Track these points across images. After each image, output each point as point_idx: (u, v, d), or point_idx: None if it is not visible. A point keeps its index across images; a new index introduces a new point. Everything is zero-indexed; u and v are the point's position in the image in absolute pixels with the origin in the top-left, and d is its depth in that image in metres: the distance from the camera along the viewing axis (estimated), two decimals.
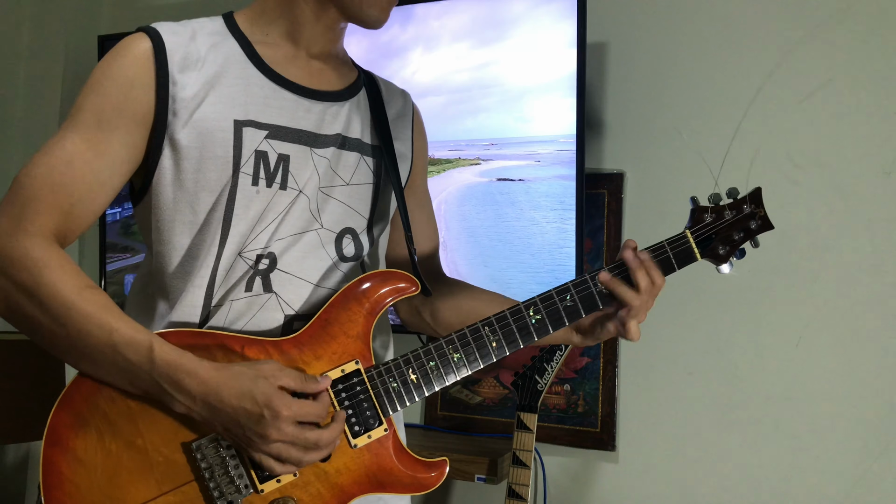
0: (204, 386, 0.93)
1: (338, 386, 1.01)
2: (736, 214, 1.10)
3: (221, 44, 1.07)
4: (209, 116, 1.02)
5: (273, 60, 1.09)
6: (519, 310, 1.08)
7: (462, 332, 1.06)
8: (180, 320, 1.03)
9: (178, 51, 1.03)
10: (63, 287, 0.93)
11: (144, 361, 0.93)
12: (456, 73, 1.92)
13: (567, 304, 1.08)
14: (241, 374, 0.94)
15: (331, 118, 1.11)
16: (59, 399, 0.97)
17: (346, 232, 1.11)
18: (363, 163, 1.14)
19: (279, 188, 1.06)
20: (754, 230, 1.10)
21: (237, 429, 0.93)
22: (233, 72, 1.05)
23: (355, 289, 1.05)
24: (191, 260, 1.04)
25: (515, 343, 1.07)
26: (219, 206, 1.03)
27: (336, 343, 1.03)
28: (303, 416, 0.93)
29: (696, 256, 1.10)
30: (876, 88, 1.74)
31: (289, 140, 1.07)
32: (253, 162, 1.04)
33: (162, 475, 0.97)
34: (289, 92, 1.08)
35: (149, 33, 1.03)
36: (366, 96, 1.18)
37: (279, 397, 0.92)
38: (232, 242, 1.03)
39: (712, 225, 1.10)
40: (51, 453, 0.96)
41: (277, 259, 1.06)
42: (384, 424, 1.03)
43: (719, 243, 1.09)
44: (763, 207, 1.10)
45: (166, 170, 1.03)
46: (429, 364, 1.05)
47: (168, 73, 1.01)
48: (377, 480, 1.03)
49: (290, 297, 1.06)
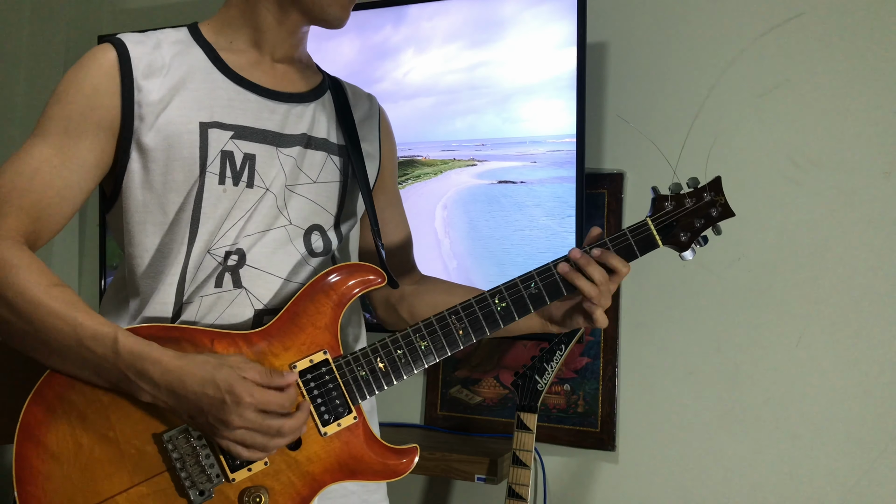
0: (167, 374, 0.94)
1: (307, 375, 1.04)
2: (696, 202, 1.12)
3: (186, 52, 1.10)
4: (175, 119, 1.05)
5: (237, 65, 1.12)
6: (484, 298, 1.10)
7: (429, 321, 1.09)
8: (152, 316, 1.05)
9: (142, 59, 1.06)
10: (30, 286, 0.95)
11: (109, 353, 0.95)
12: (448, 73, 1.92)
13: (532, 292, 1.10)
14: (205, 362, 0.96)
15: (295, 118, 1.14)
16: (31, 395, 1.00)
17: (314, 228, 1.14)
18: (330, 161, 1.17)
19: (246, 186, 1.08)
20: (715, 217, 1.12)
21: (201, 416, 0.95)
22: (198, 77, 1.08)
23: (322, 281, 1.07)
24: (161, 259, 1.06)
25: (482, 330, 1.10)
26: (187, 205, 1.06)
27: (304, 334, 1.05)
28: (265, 405, 0.95)
29: (657, 243, 1.12)
30: (876, 88, 1.74)
31: (254, 140, 1.09)
32: (219, 162, 1.07)
33: (134, 466, 0.99)
34: (253, 94, 1.11)
35: (113, 43, 1.06)
36: (331, 98, 1.21)
37: (241, 383, 0.94)
38: (201, 240, 1.06)
39: (672, 213, 1.12)
40: (23, 448, 0.98)
41: (246, 255, 1.08)
42: (353, 413, 1.05)
43: (680, 230, 1.12)
44: (723, 195, 1.13)
45: (135, 173, 1.06)
46: (396, 352, 1.07)
47: (133, 80, 1.04)
48: (348, 468, 1.05)
49: (260, 291, 1.08)
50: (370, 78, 2.00)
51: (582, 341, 1.93)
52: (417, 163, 1.96)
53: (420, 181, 1.96)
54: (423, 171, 1.95)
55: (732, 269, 1.83)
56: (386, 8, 1.98)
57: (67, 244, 2.58)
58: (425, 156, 1.96)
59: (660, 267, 1.89)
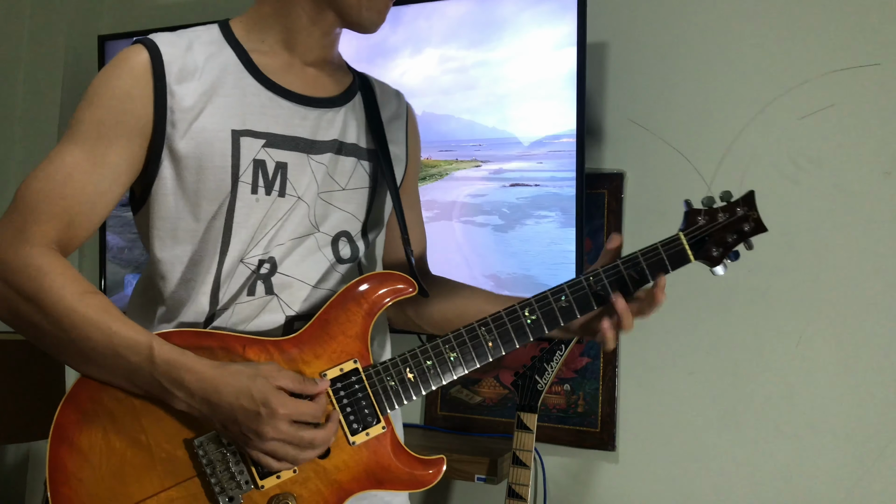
0: (203, 383, 0.95)
1: (336, 384, 1.03)
2: (729, 217, 1.12)
3: (218, 53, 1.09)
4: (207, 127, 1.04)
5: (269, 69, 1.10)
6: (515, 310, 1.09)
7: (458, 332, 1.08)
8: (185, 321, 1.05)
9: (175, 62, 1.04)
10: (64, 293, 0.95)
11: (144, 362, 0.95)
12: (446, 73, 1.92)
13: (562, 305, 1.09)
14: (240, 371, 0.96)
15: (327, 124, 1.13)
16: (65, 397, 1.00)
17: (341, 235, 1.14)
18: (360, 167, 1.16)
19: (278, 195, 1.08)
20: (747, 232, 1.12)
21: (234, 426, 0.95)
22: (229, 81, 1.07)
23: (354, 290, 1.07)
24: (193, 268, 1.06)
25: (511, 343, 1.09)
26: (219, 215, 1.05)
27: (335, 342, 1.05)
28: (299, 416, 0.95)
29: (689, 258, 1.12)
30: (877, 88, 1.74)
31: (286, 148, 1.09)
32: (251, 171, 1.06)
33: (164, 471, 0.99)
34: (285, 100, 1.10)
35: (146, 45, 1.05)
36: (361, 100, 1.20)
37: (276, 395, 0.94)
38: (234, 250, 1.06)
39: (705, 227, 1.11)
40: (57, 450, 0.98)
41: (277, 263, 1.08)
42: (382, 422, 1.05)
43: (712, 245, 1.11)
44: (756, 210, 1.12)
45: (166, 179, 1.05)
46: (426, 363, 1.07)
47: (166, 85, 1.03)
48: (375, 477, 1.05)
49: (290, 298, 1.08)
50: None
51: (582, 341, 1.93)
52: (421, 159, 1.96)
53: (426, 183, 1.96)
54: (427, 173, 1.95)
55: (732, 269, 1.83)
56: None
57: None
58: (427, 156, 1.95)
59: None
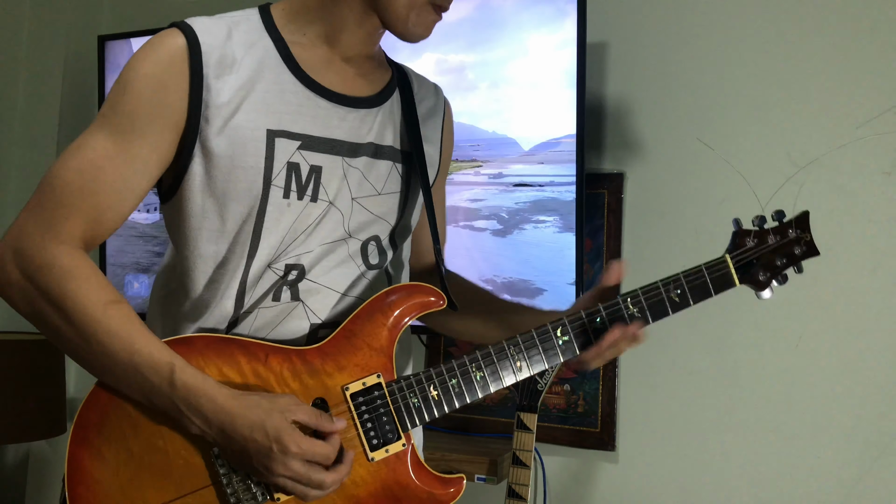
0: (219, 413, 0.93)
1: (358, 399, 1.01)
2: (780, 240, 1.06)
3: (257, 43, 1.04)
4: (242, 125, 1.00)
5: (308, 64, 1.06)
6: (546, 330, 1.05)
7: (486, 352, 1.05)
8: (208, 326, 1.03)
9: (213, 52, 1.00)
10: (88, 301, 0.93)
11: (165, 384, 0.94)
12: (445, 73, 1.91)
13: (597, 326, 1.05)
14: (257, 405, 0.94)
15: (364, 126, 1.09)
16: (86, 400, 0.99)
17: (371, 240, 1.11)
18: (394, 171, 1.13)
19: (310, 200, 1.05)
20: (798, 256, 1.06)
21: (246, 458, 0.94)
22: (267, 76, 1.03)
23: (381, 301, 1.04)
24: (219, 270, 1.03)
25: (540, 363, 1.05)
26: (249, 218, 1.02)
27: (359, 355, 1.02)
28: (311, 456, 0.93)
29: (734, 282, 1.07)
30: (877, 88, 1.74)
31: (321, 150, 1.05)
32: (285, 174, 1.02)
33: (181, 478, 0.98)
34: (323, 99, 1.06)
35: (184, 31, 1.00)
36: (399, 99, 1.16)
37: (289, 433, 0.92)
38: (262, 254, 1.03)
39: (754, 250, 1.06)
40: (76, 450, 0.97)
41: (306, 270, 1.05)
42: (402, 439, 1.02)
43: (760, 269, 1.06)
44: (809, 232, 1.06)
45: (196, 175, 1.01)
46: (451, 381, 1.04)
47: (202, 78, 0.99)
48: (393, 494, 1.02)
49: (317, 306, 1.06)
50: None
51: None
52: None
53: None
54: None
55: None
56: None
57: None
58: None
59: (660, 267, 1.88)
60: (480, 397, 1.05)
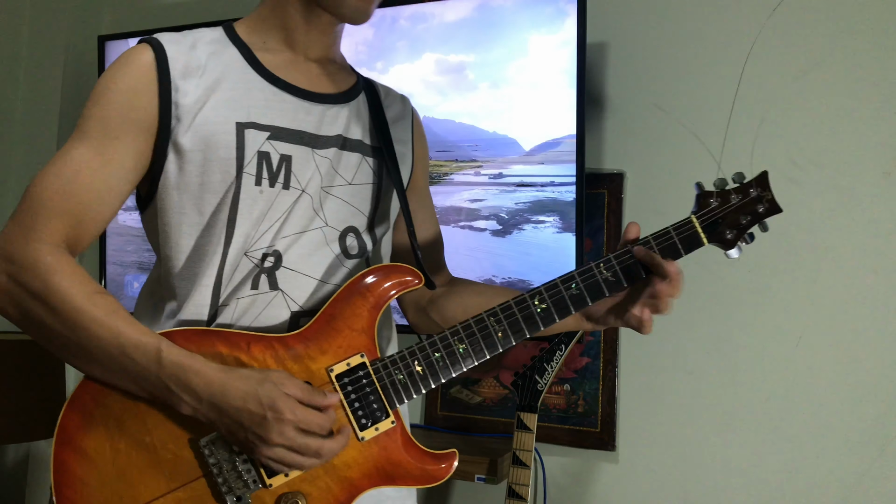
0: (210, 386, 0.94)
1: (344, 379, 1.02)
2: (742, 198, 1.09)
3: (222, 52, 1.10)
4: (211, 120, 1.04)
5: (273, 65, 1.11)
6: (524, 299, 1.07)
7: (467, 324, 1.07)
8: (188, 319, 1.05)
9: (179, 59, 1.05)
10: (73, 292, 0.95)
11: (152, 363, 0.95)
12: (444, 77, 1.91)
13: (573, 293, 1.08)
14: (249, 376, 0.95)
15: (331, 120, 1.13)
16: (69, 399, 0.99)
17: (349, 230, 1.13)
18: (365, 163, 1.16)
19: (282, 188, 1.07)
20: (762, 213, 1.09)
21: (241, 431, 0.94)
22: (233, 76, 1.08)
23: (359, 283, 1.06)
24: (197, 261, 1.06)
25: (521, 332, 1.07)
26: (223, 206, 1.05)
27: (341, 337, 1.04)
28: (306, 424, 0.94)
29: (702, 241, 1.09)
30: (877, 88, 1.74)
31: (290, 141, 1.09)
32: (256, 162, 1.06)
33: (171, 472, 0.98)
34: (289, 95, 1.10)
35: (151, 44, 1.06)
36: (365, 100, 1.20)
37: (284, 400, 0.93)
38: (237, 242, 1.05)
39: (718, 209, 1.09)
40: (61, 452, 0.97)
41: (282, 256, 1.07)
42: (391, 417, 1.03)
43: (726, 228, 1.09)
44: (770, 191, 1.09)
45: (171, 174, 1.05)
46: (434, 356, 1.06)
47: (170, 81, 1.04)
48: (386, 473, 1.03)
49: (296, 293, 1.08)
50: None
51: (582, 341, 1.93)
52: None
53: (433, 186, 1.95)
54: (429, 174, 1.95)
55: (732, 269, 1.83)
56: (380, 8, 1.98)
57: None
58: None
59: None
60: (465, 370, 1.06)
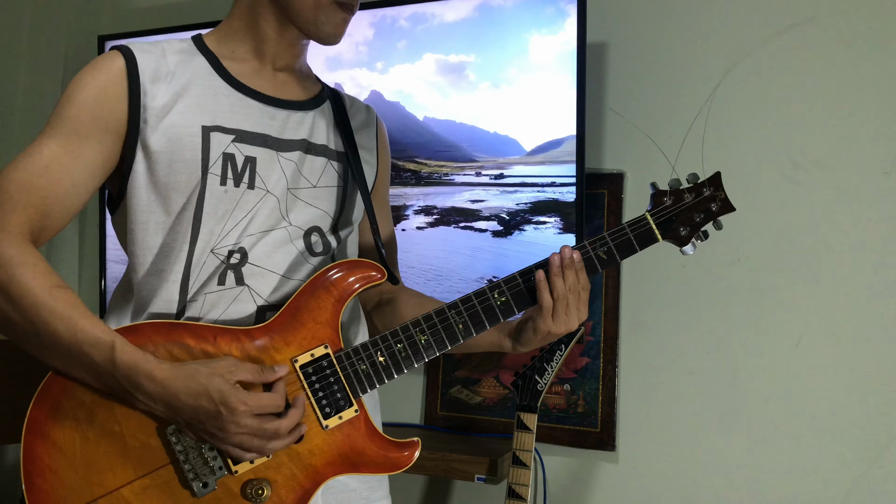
0: (161, 388, 0.96)
1: (308, 369, 1.05)
2: (695, 197, 1.14)
3: (189, 60, 1.14)
4: (178, 123, 1.09)
5: (239, 73, 1.16)
6: (483, 292, 1.12)
7: (428, 315, 1.11)
8: (157, 313, 1.08)
9: (148, 66, 1.10)
10: (33, 285, 0.97)
11: (106, 362, 0.97)
12: (444, 78, 1.92)
13: (531, 286, 1.12)
14: (196, 372, 0.97)
15: (295, 125, 1.17)
16: (38, 391, 1.02)
17: (313, 230, 1.17)
18: (330, 167, 1.20)
19: (247, 187, 1.11)
20: (715, 212, 1.14)
21: (199, 425, 0.97)
22: (200, 83, 1.12)
23: (323, 277, 1.09)
24: (163, 258, 1.09)
25: (482, 324, 1.12)
26: (189, 205, 1.09)
27: (305, 329, 1.07)
28: (259, 409, 0.97)
29: (656, 237, 1.14)
30: (877, 88, 1.74)
31: (255, 144, 1.13)
32: (221, 163, 1.10)
33: (138, 459, 1.01)
34: (254, 100, 1.15)
35: (122, 51, 1.10)
36: (330, 107, 1.25)
37: (233, 393, 0.96)
38: (202, 240, 1.09)
39: (671, 207, 1.14)
40: (30, 442, 1.01)
41: (248, 253, 1.11)
42: (354, 406, 1.07)
43: (679, 225, 1.13)
44: (723, 190, 1.14)
45: (139, 174, 1.09)
46: (396, 346, 1.09)
47: (140, 84, 1.08)
48: (350, 461, 1.07)
49: (262, 288, 1.11)
50: (363, 78, 2.00)
51: (582, 341, 1.93)
52: (421, 164, 1.96)
53: (426, 187, 1.95)
54: (427, 178, 1.95)
55: (732, 269, 1.83)
56: (381, 8, 1.98)
57: (68, 244, 2.58)
58: (427, 161, 1.95)
59: (660, 267, 1.89)
60: (427, 360, 1.10)
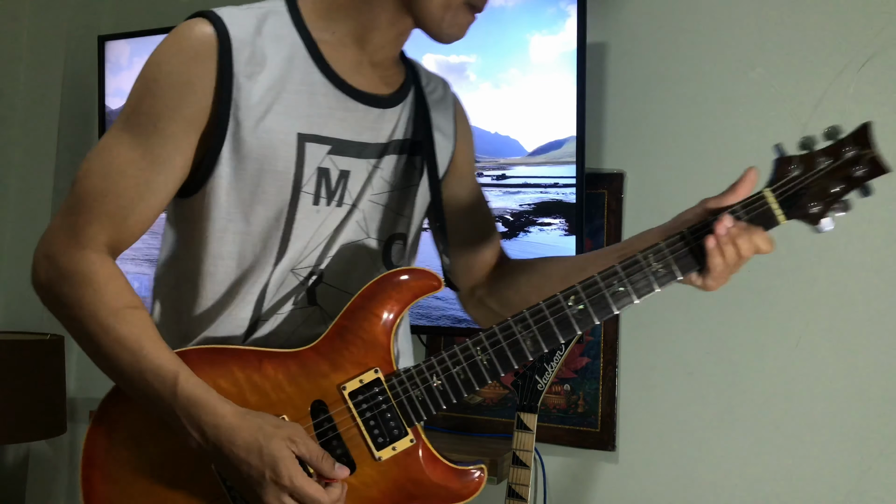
0: (219, 429, 0.91)
1: (358, 397, 0.97)
2: (833, 162, 0.90)
3: (285, 38, 1.00)
4: (274, 128, 0.97)
5: (338, 65, 1.03)
6: (556, 300, 0.96)
7: (491, 331, 0.97)
8: (224, 334, 1.01)
9: (244, 49, 0.96)
10: (99, 307, 0.93)
11: (167, 393, 0.92)
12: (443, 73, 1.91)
13: (616, 290, 0.95)
14: (261, 428, 0.91)
15: (386, 124, 1.07)
16: (95, 415, 0.99)
17: (395, 238, 1.09)
18: (409, 163, 1.11)
19: (336, 205, 1.03)
20: (861, 177, 0.90)
21: (237, 476, 0.92)
22: (297, 77, 1.00)
23: (372, 291, 0.99)
24: (241, 272, 1.01)
25: (554, 338, 0.96)
26: (278, 224, 1.00)
27: (353, 350, 0.98)
28: (300, 496, 0.89)
29: (776, 220, 0.95)
30: (877, 88, 1.74)
31: (350, 155, 1.03)
32: (315, 180, 1.01)
33: (189, 492, 0.97)
34: (352, 100, 1.03)
35: (213, 22, 0.96)
36: (414, 96, 1.13)
37: (286, 463, 0.89)
38: (287, 259, 1.01)
39: (800, 178, 0.92)
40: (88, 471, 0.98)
41: (325, 274, 1.04)
42: (410, 435, 0.97)
43: (810, 200, 0.92)
44: (870, 147, 0.88)
45: (223, 177, 0.98)
46: (455, 369, 0.97)
47: (233, 76, 0.95)
48: (406, 492, 0.98)
49: (333, 310, 1.02)
50: None
51: (582, 341, 1.93)
52: None
53: None
54: None
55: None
56: None
57: None
58: None
59: None
60: (490, 382, 0.97)
